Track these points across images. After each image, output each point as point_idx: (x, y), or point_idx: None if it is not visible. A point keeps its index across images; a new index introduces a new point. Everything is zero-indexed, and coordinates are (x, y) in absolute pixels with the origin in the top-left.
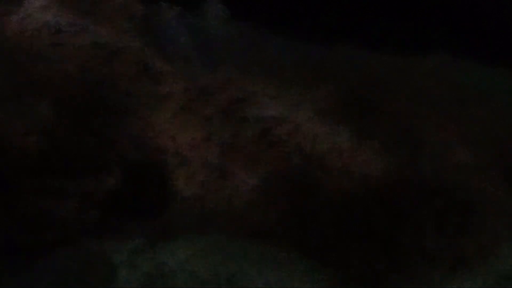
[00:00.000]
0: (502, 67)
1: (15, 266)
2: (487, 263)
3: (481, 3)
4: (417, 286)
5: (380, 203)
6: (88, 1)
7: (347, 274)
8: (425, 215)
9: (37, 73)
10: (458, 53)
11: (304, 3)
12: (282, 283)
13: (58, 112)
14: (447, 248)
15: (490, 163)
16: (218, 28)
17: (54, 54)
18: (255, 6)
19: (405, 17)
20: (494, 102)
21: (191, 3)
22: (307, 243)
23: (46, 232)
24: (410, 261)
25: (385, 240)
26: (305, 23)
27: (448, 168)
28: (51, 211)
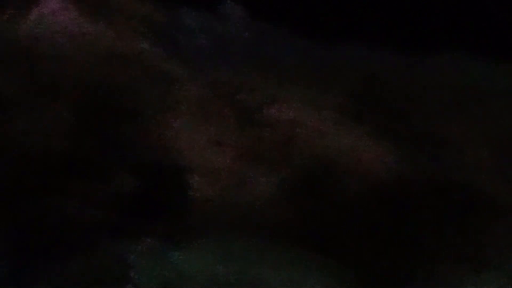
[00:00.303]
0: None
1: (35, 267)
2: (508, 264)
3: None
4: (439, 285)
5: (399, 203)
6: (104, 6)
7: (368, 274)
8: (444, 215)
9: (55, 78)
10: (469, 52)
11: (320, 5)
12: (295, 281)
13: (78, 116)
14: (467, 248)
15: (509, 163)
16: (236, 30)
17: (72, 59)
18: (274, 8)
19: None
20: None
21: (209, 6)
22: (326, 245)
23: (67, 233)
24: (432, 261)
25: (404, 239)
26: (323, 24)
27: (467, 168)
28: (71, 212)
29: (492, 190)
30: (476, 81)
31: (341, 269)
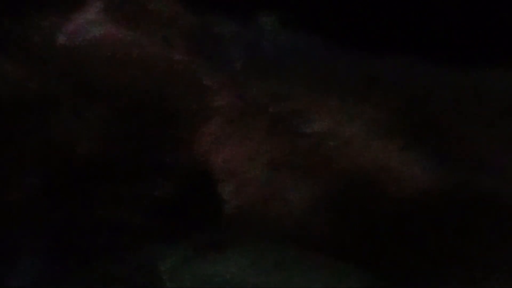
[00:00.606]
0: None
1: (65, 270)
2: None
3: None
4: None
5: (433, 220)
6: (136, 14)
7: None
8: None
9: (93, 83)
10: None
11: (358, 13)
12: None
13: (113, 120)
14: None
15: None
16: (270, 40)
17: (109, 65)
18: (308, 17)
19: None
20: None
21: (243, 15)
22: (359, 255)
23: (99, 237)
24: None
25: (435, 256)
26: (362, 34)
27: (504, 185)
28: (103, 216)
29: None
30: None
31: (370, 280)
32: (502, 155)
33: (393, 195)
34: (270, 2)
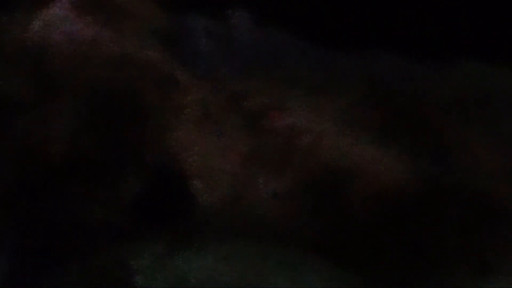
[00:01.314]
0: None
1: (36, 269)
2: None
3: None
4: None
5: (407, 212)
6: (111, 11)
7: (372, 279)
8: (445, 217)
9: (60, 80)
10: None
11: (329, 10)
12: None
13: (81, 118)
14: (469, 251)
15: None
16: (241, 35)
17: (77, 62)
18: (279, 13)
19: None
20: None
21: (215, 11)
22: (330, 250)
23: (69, 235)
24: (433, 263)
25: (405, 241)
26: (330, 29)
27: (475, 175)
28: (73, 214)
29: (495, 192)
30: (491, 91)
31: (343, 272)
32: (476, 149)
33: (365, 190)
34: None
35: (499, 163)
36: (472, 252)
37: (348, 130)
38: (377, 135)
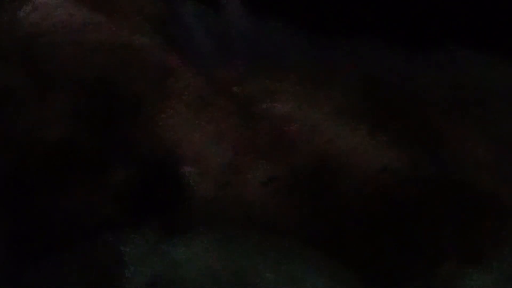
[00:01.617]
0: None
1: (30, 260)
2: (501, 260)
3: None
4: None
5: (397, 202)
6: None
7: (362, 271)
8: (443, 215)
9: (53, 70)
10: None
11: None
12: (293, 278)
13: (74, 108)
14: (467, 248)
15: (506, 161)
16: (235, 23)
17: (70, 51)
18: (273, 1)
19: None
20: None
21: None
22: (325, 242)
23: (63, 226)
24: (431, 261)
25: (403, 239)
26: (324, 19)
27: (466, 165)
28: (67, 205)
29: (493, 189)
30: (476, 79)
31: (340, 268)
32: (462, 137)
33: (358, 179)
34: None
35: (493, 160)
36: (463, 243)
37: (342, 119)
38: (370, 125)
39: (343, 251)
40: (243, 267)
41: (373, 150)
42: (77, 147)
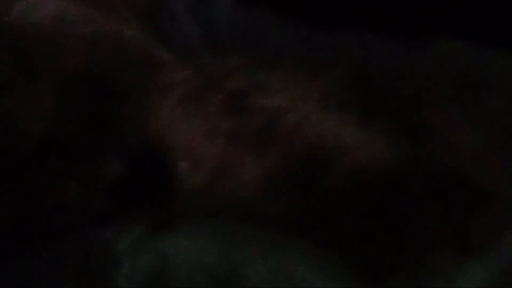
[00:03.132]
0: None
1: (16, 253)
2: (494, 252)
3: None
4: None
5: (388, 193)
6: None
7: (354, 264)
8: (430, 202)
9: (40, 61)
10: (466, 40)
11: None
12: (287, 271)
13: (61, 99)
14: (454, 236)
15: (499, 151)
16: (224, 15)
17: (58, 43)
18: None
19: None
20: (506, 89)
21: None
22: (314, 233)
23: (50, 218)
24: (418, 250)
25: (393, 229)
26: (314, 8)
27: (457, 156)
28: (54, 197)
29: (490, 182)
30: (471, 70)
31: (339, 264)
32: (452, 126)
33: (352, 171)
34: None
35: (481, 148)
36: (455, 234)
37: (331, 110)
38: (360, 115)
39: (339, 245)
40: (236, 260)
41: (365, 143)
42: (65, 140)
